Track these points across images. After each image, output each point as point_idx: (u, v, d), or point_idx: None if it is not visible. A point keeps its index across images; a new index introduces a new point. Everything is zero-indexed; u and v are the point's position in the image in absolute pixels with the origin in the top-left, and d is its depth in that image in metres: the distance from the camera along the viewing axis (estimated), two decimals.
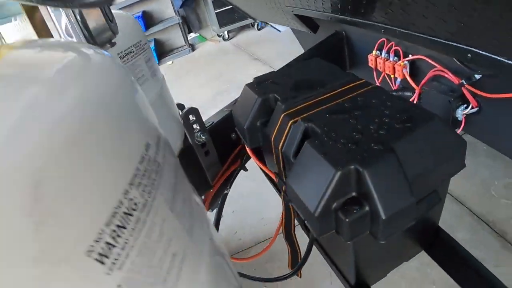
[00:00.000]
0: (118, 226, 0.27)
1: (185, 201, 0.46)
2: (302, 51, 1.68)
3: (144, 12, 5.18)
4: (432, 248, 0.83)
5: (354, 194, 0.54)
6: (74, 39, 0.54)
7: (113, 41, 0.64)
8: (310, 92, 0.76)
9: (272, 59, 4.43)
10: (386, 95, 0.69)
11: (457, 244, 0.82)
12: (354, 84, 0.76)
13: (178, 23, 5.46)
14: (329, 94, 0.74)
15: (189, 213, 0.45)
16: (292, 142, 0.66)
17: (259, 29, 5.65)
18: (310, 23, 1.60)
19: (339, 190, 0.53)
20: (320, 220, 0.54)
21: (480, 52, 0.69)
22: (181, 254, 0.35)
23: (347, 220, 0.52)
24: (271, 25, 5.30)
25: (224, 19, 5.34)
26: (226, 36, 5.65)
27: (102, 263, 0.25)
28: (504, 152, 1.24)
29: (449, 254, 0.81)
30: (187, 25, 6.10)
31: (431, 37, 0.77)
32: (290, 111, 0.71)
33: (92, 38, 0.56)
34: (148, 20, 5.23)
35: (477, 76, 1.09)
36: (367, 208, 0.53)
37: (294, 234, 0.87)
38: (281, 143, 0.70)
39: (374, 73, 1.50)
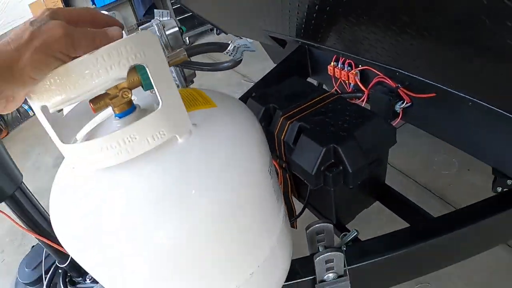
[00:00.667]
0: (270, 168, 0.68)
1: None
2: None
3: None
4: (383, 198, 1.28)
5: (333, 160, 0.98)
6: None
7: (192, 79, 1.04)
8: (297, 102, 1.19)
9: None
10: (346, 102, 1.13)
11: (400, 194, 1.28)
12: (325, 95, 1.20)
13: None
14: (310, 103, 1.17)
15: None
16: (291, 135, 1.10)
17: (217, 34, 6.04)
18: (280, 41, 2.03)
19: (324, 159, 0.97)
20: (315, 177, 0.98)
21: (403, 72, 1.15)
22: (278, 189, 0.76)
23: (330, 175, 0.96)
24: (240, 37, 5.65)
25: (185, 25, 5.69)
26: (187, 41, 6.00)
27: (270, 176, 0.66)
28: (432, 133, 1.73)
29: (395, 201, 1.27)
30: None
31: (375, 62, 1.22)
32: (286, 115, 1.14)
33: (185, 80, 0.96)
34: None
35: (407, 82, 1.57)
36: (341, 168, 0.97)
37: (291, 197, 1.31)
38: (282, 136, 1.13)
39: (333, 79, 1.96)
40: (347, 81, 1.86)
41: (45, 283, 1.12)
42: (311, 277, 0.88)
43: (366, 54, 1.24)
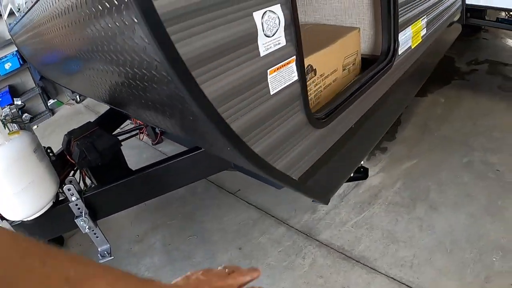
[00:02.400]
0: (35, 148, 2.27)
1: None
2: None
3: (10, 86, 6.54)
4: (127, 175, 2.86)
5: (85, 155, 2.57)
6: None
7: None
8: (81, 134, 2.78)
9: None
10: (100, 130, 2.75)
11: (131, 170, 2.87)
12: (94, 129, 2.80)
13: (39, 93, 7.00)
14: (86, 133, 2.76)
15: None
16: (74, 147, 2.67)
17: None
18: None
19: (81, 155, 2.56)
20: (79, 162, 2.56)
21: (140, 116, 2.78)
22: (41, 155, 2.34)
23: (83, 160, 2.55)
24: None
25: None
26: (78, 99, 7.29)
27: (35, 152, 2.26)
28: (179, 142, 3.38)
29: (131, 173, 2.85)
30: (46, 93, 7.39)
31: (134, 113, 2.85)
32: (75, 140, 2.72)
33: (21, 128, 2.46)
34: (14, 93, 6.56)
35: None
36: (88, 158, 2.56)
37: (85, 175, 2.86)
38: (72, 149, 2.70)
39: (133, 123, 3.58)
40: (137, 122, 3.49)
41: None
42: (67, 202, 2.44)
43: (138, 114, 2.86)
